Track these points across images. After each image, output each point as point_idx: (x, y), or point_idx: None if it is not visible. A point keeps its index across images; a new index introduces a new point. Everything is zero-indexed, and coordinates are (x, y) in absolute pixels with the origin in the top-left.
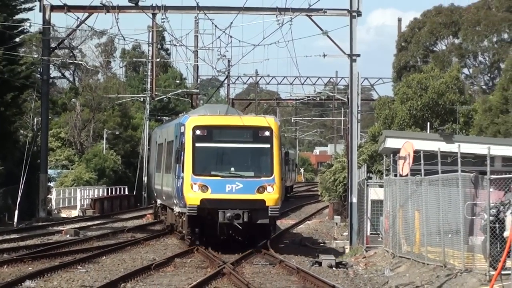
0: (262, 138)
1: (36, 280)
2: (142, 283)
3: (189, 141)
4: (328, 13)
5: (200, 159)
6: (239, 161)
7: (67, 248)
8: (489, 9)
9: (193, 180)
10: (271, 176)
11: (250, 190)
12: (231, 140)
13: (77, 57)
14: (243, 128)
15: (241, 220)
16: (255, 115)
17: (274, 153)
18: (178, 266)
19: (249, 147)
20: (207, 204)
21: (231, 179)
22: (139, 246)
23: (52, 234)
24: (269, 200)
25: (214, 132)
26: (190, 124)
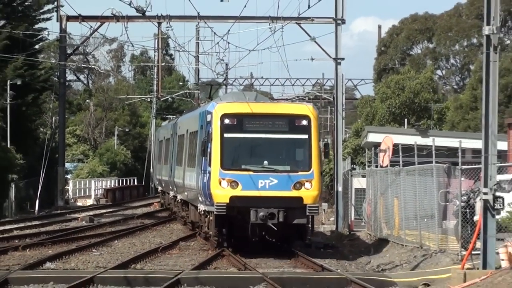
0: (299, 127)
1: (56, 262)
2: (151, 264)
3: (216, 131)
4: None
5: (229, 152)
6: (273, 154)
7: (82, 233)
8: (460, 17)
9: (221, 175)
10: (309, 170)
11: (285, 186)
12: (264, 130)
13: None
14: (278, 116)
15: (275, 220)
16: (290, 102)
17: (313, 144)
18: (182, 249)
19: (285, 138)
20: (237, 202)
21: (264, 174)
22: (147, 231)
23: (69, 221)
24: (307, 197)
25: (245, 121)
26: (217, 112)
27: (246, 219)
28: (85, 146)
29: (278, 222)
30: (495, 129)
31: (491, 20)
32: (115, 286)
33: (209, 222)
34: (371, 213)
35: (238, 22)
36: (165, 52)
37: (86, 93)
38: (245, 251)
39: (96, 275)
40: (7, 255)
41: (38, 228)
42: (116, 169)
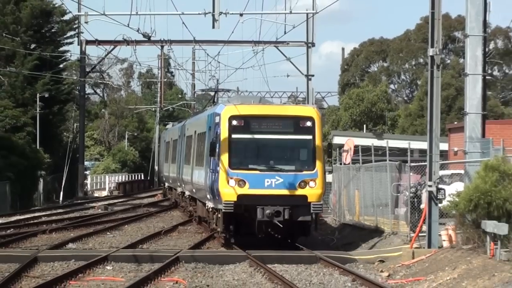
0: (304, 128)
1: (76, 243)
2: (155, 244)
3: (225, 132)
4: (290, 44)
5: (237, 152)
6: (278, 154)
7: (98, 219)
8: (409, 41)
9: (229, 174)
10: (313, 170)
11: (291, 185)
12: (270, 131)
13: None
14: (283, 118)
15: (281, 217)
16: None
17: (317, 145)
18: (181, 232)
19: (290, 139)
20: (244, 200)
21: (271, 173)
22: (152, 217)
23: (87, 209)
24: (312, 195)
25: (252, 122)
26: (226, 113)
27: (253, 216)
28: (101, 147)
29: (284, 219)
30: (438, 133)
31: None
32: (125, 263)
33: (217, 219)
34: (336, 202)
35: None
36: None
37: (101, 104)
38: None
39: (110, 253)
40: (36, 237)
41: (62, 215)
42: (127, 166)
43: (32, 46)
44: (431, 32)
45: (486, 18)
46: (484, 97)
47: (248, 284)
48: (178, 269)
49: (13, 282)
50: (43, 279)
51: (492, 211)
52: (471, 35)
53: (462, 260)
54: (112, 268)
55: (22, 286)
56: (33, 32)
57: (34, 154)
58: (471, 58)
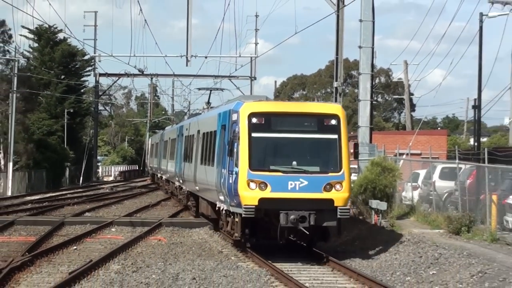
0: (329, 127)
1: (91, 212)
2: (145, 214)
3: (244, 130)
4: (239, 78)
5: (257, 152)
6: (302, 154)
7: (106, 196)
8: (321, 76)
9: (250, 176)
10: (340, 171)
11: (316, 188)
12: (293, 129)
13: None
14: (306, 115)
15: (307, 223)
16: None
17: (342, 145)
18: (163, 205)
19: (314, 138)
20: (266, 205)
21: (294, 175)
22: (143, 195)
23: (99, 189)
24: (338, 199)
25: (273, 120)
26: (245, 110)
27: (274, 221)
28: (108, 147)
29: (309, 225)
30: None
31: (338, 78)
32: (124, 226)
33: (232, 223)
34: None
35: (196, 78)
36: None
37: (109, 117)
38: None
39: (114, 220)
40: (63, 208)
41: (81, 193)
42: (126, 160)
43: (62, 77)
44: (336, 70)
45: (373, 62)
46: (371, 116)
47: (209, 241)
48: (161, 231)
49: (48, 238)
50: (68, 237)
51: (376, 193)
52: (363, 73)
53: (355, 227)
54: (116, 230)
55: (53, 241)
56: (63, 67)
57: (62, 151)
58: (362, 89)
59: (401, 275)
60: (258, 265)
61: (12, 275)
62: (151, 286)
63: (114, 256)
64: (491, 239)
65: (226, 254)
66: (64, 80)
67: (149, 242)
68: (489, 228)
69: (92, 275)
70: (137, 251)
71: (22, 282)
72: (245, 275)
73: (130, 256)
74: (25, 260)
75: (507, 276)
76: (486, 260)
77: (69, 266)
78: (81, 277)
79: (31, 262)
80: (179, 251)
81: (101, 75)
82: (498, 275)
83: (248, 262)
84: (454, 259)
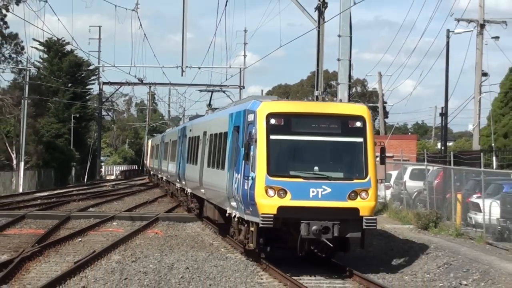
0: (353, 129)
1: (94, 208)
2: (143, 209)
3: (262, 132)
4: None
5: (276, 156)
6: (324, 159)
7: (108, 193)
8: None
9: (268, 182)
10: (366, 178)
11: (340, 196)
12: (315, 132)
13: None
14: (329, 116)
15: (330, 234)
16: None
17: (368, 149)
18: (159, 202)
19: (337, 141)
20: (285, 213)
21: (316, 182)
22: (142, 192)
23: (102, 187)
24: (364, 208)
25: (293, 121)
26: (263, 110)
27: (293, 232)
28: (111, 148)
29: (333, 236)
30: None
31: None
32: (125, 220)
33: (246, 231)
34: None
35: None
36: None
37: (111, 122)
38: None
39: (115, 214)
40: (69, 204)
41: (85, 190)
42: (126, 160)
43: (69, 85)
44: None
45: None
46: None
47: (201, 234)
48: (158, 225)
49: (55, 231)
50: (73, 230)
51: None
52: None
53: None
54: (117, 224)
55: (60, 233)
56: (70, 76)
57: (69, 152)
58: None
59: (374, 266)
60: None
61: (23, 264)
62: (149, 274)
63: (115, 248)
64: (456, 234)
65: (216, 246)
66: (71, 88)
67: (147, 235)
68: (454, 224)
69: (95, 264)
70: (136, 243)
71: (32, 271)
72: (234, 265)
73: (129, 248)
74: (34, 251)
75: (470, 267)
76: (451, 252)
77: (74, 256)
78: (85, 266)
79: (40, 252)
80: (174, 243)
81: (104, 83)
82: (462, 266)
83: (236, 253)
84: (422, 252)
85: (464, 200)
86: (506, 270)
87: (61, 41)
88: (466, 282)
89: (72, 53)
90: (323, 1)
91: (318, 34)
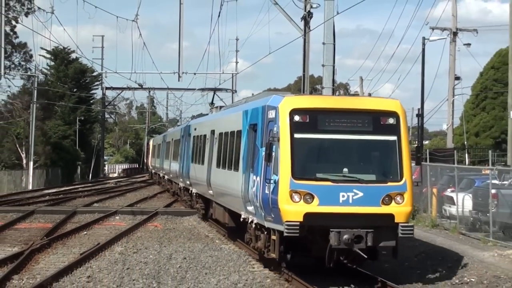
0: (386, 127)
1: (99, 203)
2: (144, 204)
3: (285, 130)
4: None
5: (301, 157)
6: (355, 160)
7: (111, 190)
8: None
9: (293, 186)
10: (401, 180)
11: (373, 200)
12: (343, 129)
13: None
14: (359, 112)
15: (363, 244)
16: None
17: (403, 148)
18: (159, 197)
19: (369, 140)
20: (312, 221)
21: (346, 185)
22: (142, 189)
23: (105, 184)
24: (399, 214)
25: (320, 118)
26: (285, 106)
27: (319, 240)
28: (113, 148)
29: (366, 246)
30: None
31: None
32: (126, 215)
33: (265, 239)
34: None
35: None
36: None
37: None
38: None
39: (118, 209)
40: (75, 199)
41: (90, 187)
42: (128, 159)
43: (74, 90)
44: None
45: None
46: None
47: (197, 227)
48: (157, 218)
49: (62, 225)
50: (79, 224)
51: None
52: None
53: None
54: (119, 218)
55: (67, 227)
56: (75, 82)
57: (74, 152)
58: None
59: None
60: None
61: (32, 256)
62: (149, 264)
63: (118, 240)
64: (432, 225)
65: (211, 238)
66: (76, 93)
67: (147, 228)
68: (430, 216)
69: (99, 255)
70: (137, 235)
71: (41, 262)
72: (227, 255)
73: (131, 240)
74: (43, 243)
75: (445, 256)
76: (428, 242)
77: (80, 248)
78: (91, 257)
79: (49, 245)
80: (172, 235)
81: (107, 88)
82: (438, 254)
83: (230, 244)
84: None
85: (439, 194)
86: (478, 257)
87: (67, 49)
88: (441, 269)
89: (77, 60)
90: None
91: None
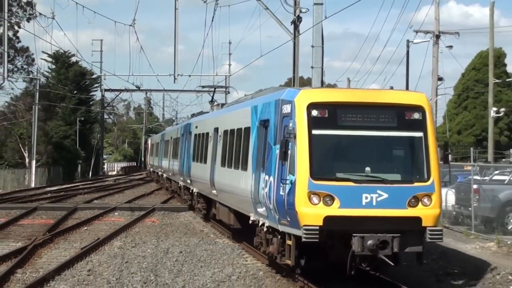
0: (411, 122)
1: (99, 200)
2: (141, 201)
3: (302, 126)
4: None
5: (320, 155)
6: (378, 158)
7: (111, 187)
8: None
9: (312, 187)
10: (428, 180)
11: (399, 202)
12: (365, 125)
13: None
14: (382, 107)
15: (389, 250)
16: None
17: (430, 145)
18: (156, 194)
19: (393, 136)
20: (333, 225)
21: (370, 186)
22: (140, 186)
23: (104, 181)
24: (427, 217)
25: (340, 113)
26: (302, 100)
27: (338, 245)
28: (112, 147)
29: (392, 252)
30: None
31: None
32: (125, 211)
33: (279, 244)
34: None
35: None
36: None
37: (113, 124)
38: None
39: (117, 206)
40: (76, 197)
41: (90, 185)
42: (126, 158)
43: (74, 92)
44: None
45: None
46: None
47: (192, 222)
48: (154, 214)
49: (64, 221)
50: (80, 220)
51: None
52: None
53: None
54: (118, 214)
55: (68, 223)
56: (75, 84)
57: (75, 151)
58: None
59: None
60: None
61: (35, 251)
62: (147, 258)
63: (117, 235)
64: None
65: (206, 233)
66: (76, 95)
67: (145, 223)
68: None
69: (99, 250)
70: (135, 230)
71: (43, 256)
72: (222, 249)
73: (129, 235)
74: (46, 238)
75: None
76: None
77: (81, 243)
78: (91, 251)
79: (51, 240)
80: (169, 230)
81: (106, 90)
82: None
83: (224, 238)
84: None
85: None
86: (461, 249)
87: (67, 53)
88: (426, 261)
89: (77, 64)
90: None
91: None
